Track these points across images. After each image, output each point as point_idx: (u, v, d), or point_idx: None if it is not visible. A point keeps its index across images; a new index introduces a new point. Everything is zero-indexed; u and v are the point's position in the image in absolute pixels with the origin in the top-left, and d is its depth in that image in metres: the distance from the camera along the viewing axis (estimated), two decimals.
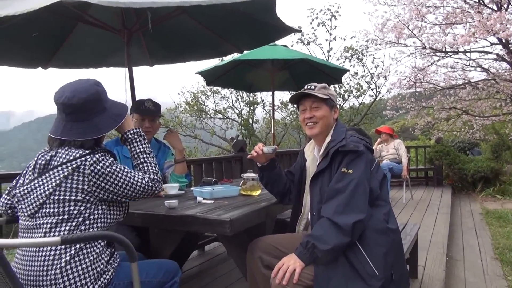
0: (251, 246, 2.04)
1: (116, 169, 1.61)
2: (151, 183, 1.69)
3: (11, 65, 3.68)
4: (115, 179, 1.60)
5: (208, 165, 4.47)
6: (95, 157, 1.57)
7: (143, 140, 1.83)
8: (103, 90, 1.70)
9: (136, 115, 2.71)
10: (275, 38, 3.69)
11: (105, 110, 1.67)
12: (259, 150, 2.12)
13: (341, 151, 1.87)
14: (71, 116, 1.62)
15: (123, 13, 3.22)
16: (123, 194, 1.63)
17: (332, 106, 2.05)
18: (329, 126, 2.03)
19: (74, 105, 1.60)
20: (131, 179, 1.64)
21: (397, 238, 1.86)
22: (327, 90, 2.04)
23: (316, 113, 2.01)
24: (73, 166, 1.53)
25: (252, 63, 5.64)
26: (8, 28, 3.09)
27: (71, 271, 1.46)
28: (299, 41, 11.99)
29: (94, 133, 1.62)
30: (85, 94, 1.62)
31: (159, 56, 4.33)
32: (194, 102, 14.63)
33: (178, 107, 14.83)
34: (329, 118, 2.03)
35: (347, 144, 1.87)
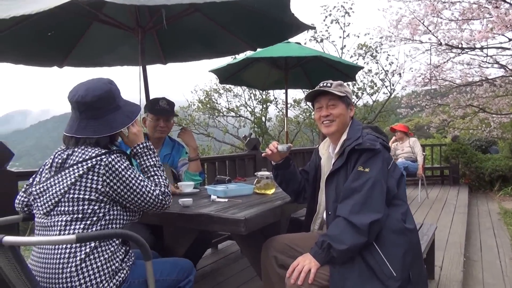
0: (265, 245, 2.02)
1: (130, 175, 1.61)
2: (161, 196, 1.68)
3: (28, 64, 3.72)
4: (128, 184, 1.59)
5: (222, 163, 4.46)
6: (110, 157, 1.57)
7: (153, 154, 1.82)
8: (116, 88, 1.70)
9: (151, 115, 2.71)
10: (289, 35, 3.65)
11: (119, 107, 1.68)
12: (274, 148, 2.10)
13: (357, 150, 1.84)
14: (85, 114, 1.62)
15: (137, 11, 3.22)
16: (133, 202, 1.62)
17: (349, 104, 2.02)
18: (346, 124, 2.00)
19: (88, 103, 1.60)
20: (143, 188, 1.63)
21: (414, 238, 1.82)
22: (343, 88, 2.01)
23: (333, 111, 1.98)
24: (88, 165, 1.53)
25: (266, 61, 5.61)
26: (24, 27, 3.14)
27: (86, 269, 1.46)
28: (312, 39, 11.93)
29: (108, 130, 1.62)
30: (99, 92, 1.62)
31: (173, 54, 4.33)
32: (207, 100, 14.66)
33: (191, 105, 14.88)
34: (346, 116, 2.00)
35: (364, 142, 1.84)
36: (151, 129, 2.72)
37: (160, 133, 2.74)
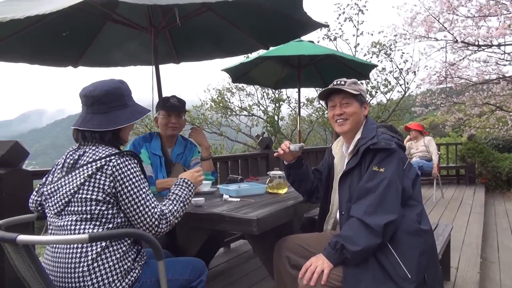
0: (278, 245, 2.01)
1: (135, 183, 1.58)
2: (158, 216, 1.59)
3: (43, 64, 3.76)
4: (129, 191, 1.56)
5: (234, 163, 4.45)
6: (120, 159, 1.57)
7: (186, 188, 1.80)
8: (126, 88, 1.71)
9: (162, 111, 2.72)
10: (301, 33, 3.63)
11: (126, 106, 1.68)
12: (286, 148, 2.08)
13: (372, 149, 1.81)
14: (91, 108, 1.64)
15: (150, 11, 3.23)
16: (130, 210, 1.57)
17: (363, 102, 1.99)
18: (360, 122, 1.97)
19: (95, 97, 1.62)
20: (143, 199, 1.57)
21: (430, 239, 1.79)
22: (357, 86, 1.98)
23: (347, 110, 1.96)
24: (97, 165, 1.54)
25: (278, 60, 5.59)
26: (39, 28, 3.18)
27: (98, 269, 1.47)
28: (326, 37, 11.82)
29: (111, 125, 1.62)
30: (106, 87, 1.64)
31: (186, 53, 4.34)
32: (219, 99, 14.67)
33: (204, 104, 14.91)
34: (360, 114, 1.97)
35: (379, 141, 1.81)
36: (163, 127, 2.72)
37: (172, 130, 2.73)
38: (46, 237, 1.32)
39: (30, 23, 3.08)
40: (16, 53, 3.40)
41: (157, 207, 1.61)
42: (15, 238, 1.27)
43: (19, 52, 3.42)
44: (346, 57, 5.00)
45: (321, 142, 15.45)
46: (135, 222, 1.59)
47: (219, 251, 3.91)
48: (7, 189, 2.23)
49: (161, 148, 2.70)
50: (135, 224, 1.60)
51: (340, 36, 11.81)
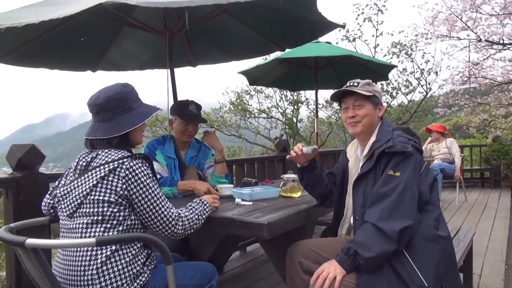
0: (290, 250, 1.97)
1: (149, 184, 1.60)
2: (176, 216, 1.65)
3: (63, 68, 3.84)
4: (144, 192, 1.58)
5: (250, 165, 4.43)
6: (133, 162, 1.57)
7: (203, 205, 1.85)
8: (130, 91, 1.71)
9: (180, 119, 2.70)
10: (318, 35, 3.59)
11: (131, 109, 1.68)
12: (298, 150, 2.04)
13: (387, 152, 1.75)
14: (98, 116, 1.66)
15: (165, 14, 3.24)
16: (145, 213, 1.59)
17: (377, 104, 1.93)
18: (373, 125, 1.92)
19: (99, 104, 1.64)
20: (158, 200, 1.61)
21: (448, 246, 1.72)
22: (371, 87, 1.93)
23: (359, 112, 1.91)
24: (110, 168, 1.54)
25: (295, 61, 5.54)
26: (58, 33, 3.23)
27: (107, 272, 1.46)
28: (344, 38, 11.70)
29: (117, 130, 1.63)
30: (110, 94, 1.65)
31: (202, 56, 4.35)
32: (238, 101, 14.70)
33: (223, 107, 14.96)
34: (373, 116, 1.91)
35: (394, 144, 1.75)
36: (179, 133, 2.71)
37: (188, 137, 2.74)
38: (53, 241, 1.33)
39: (50, 28, 3.13)
40: (36, 58, 3.47)
41: (174, 209, 1.66)
42: (23, 242, 1.28)
43: (39, 58, 3.49)
44: (364, 58, 4.92)
45: (340, 144, 15.27)
46: (151, 223, 1.61)
47: (235, 254, 3.88)
48: (24, 192, 2.27)
49: (175, 151, 2.70)
50: (151, 225, 1.62)
51: (359, 37, 11.68)
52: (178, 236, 1.67)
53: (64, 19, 3.08)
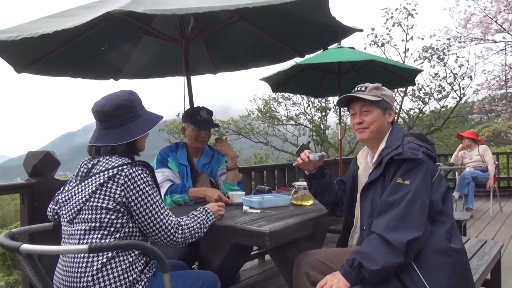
0: (297, 261, 1.91)
1: (149, 191, 1.58)
2: (176, 225, 1.63)
3: (85, 77, 3.93)
4: (143, 199, 1.56)
5: (270, 173, 4.39)
6: (132, 169, 1.57)
7: (206, 214, 1.84)
8: (136, 99, 1.71)
9: (192, 126, 2.70)
10: (335, 40, 3.54)
11: (138, 116, 1.68)
12: (305, 157, 1.99)
13: (396, 160, 1.67)
14: (104, 123, 1.65)
15: (181, 22, 3.27)
16: (143, 220, 1.57)
17: (386, 109, 1.85)
18: (382, 131, 1.84)
19: (106, 111, 1.64)
20: (157, 208, 1.59)
21: (461, 259, 1.61)
22: (380, 91, 1.85)
23: (366, 118, 1.84)
24: (109, 174, 1.55)
25: (318, 67, 5.47)
26: (80, 43, 3.33)
27: (103, 279, 1.46)
28: (373, 43, 11.49)
29: (125, 138, 1.62)
30: (117, 101, 1.65)
31: (222, 63, 4.36)
32: (266, 109, 14.71)
33: (251, 114, 15.00)
34: (381, 122, 1.83)
35: (404, 151, 1.66)
36: (192, 140, 2.71)
37: (201, 144, 2.74)
38: (47, 247, 1.33)
39: (71, 38, 3.23)
40: (59, 68, 3.57)
41: (173, 217, 1.64)
42: (18, 247, 1.29)
43: (62, 67, 3.59)
44: (388, 63, 4.78)
45: None
46: (149, 231, 1.59)
47: (253, 262, 3.84)
48: (38, 198, 2.32)
49: (187, 157, 2.70)
50: (149, 233, 1.60)
51: (388, 42, 11.42)
52: (178, 245, 1.65)
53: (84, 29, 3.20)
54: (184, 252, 2.34)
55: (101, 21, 3.21)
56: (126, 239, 1.55)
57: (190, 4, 2.14)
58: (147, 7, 2.03)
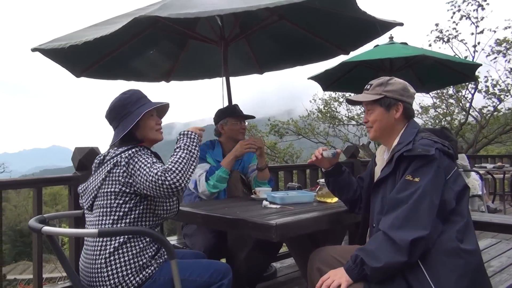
0: (312, 256, 1.91)
1: (141, 159, 1.65)
2: (161, 173, 1.55)
3: (138, 80, 4.21)
4: (138, 168, 1.62)
5: (314, 171, 4.37)
6: (131, 150, 1.69)
7: (184, 136, 1.78)
8: (128, 96, 1.83)
9: (233, 119, 2.82)
10: (375, 35, 3.43)
11: (130, 113, 1.79)
12: (319, 154, 1.98)
13: (407, 156, 1.61)
14: (112, 126, 1.84)
15: (221, 25, 3.38)
16: (143, 186, 1.60)
17: (390, 105, 1.78)
18: (389, 128, 1.79)
19: (106, 116, 1.83)
20: (147, 164, 1.61)
21: (474, 261, 1.51)
22: (384, 87, 1.80)
23: (370, 117, 1.82)
24: (114, 161, 1.68)
25: (369, 65, 5.32)
26: (130, 48, 3.59)
27: (114, 262, 1.59)
28: (438, 39, 10.83)
29: (117, 136, 1.77)
30: (110, 106, 1.83)
31: (267, 63, 4.43)
32: (326, 109, 14.52)
33: (311, 114, 14.90)
34: (385, 120, 1.79)
35: (414, 148, 1.61)
36: (236, 133, 2.82)
37: (243, 135, 2.85)
38: (64, 229, 1.50)
39: (121, 44, 3.49)
40: (113, 71, 3.87)
41: (160, 168, 1.59)
42: (40, 229, 1.46)
43: (116, 71, 3.89)
44: (441, 57, 4.52)
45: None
46: (147, 189, 1.59)
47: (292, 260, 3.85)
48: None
49: (223, 155, 2.80)
50: (148, 191, 1.59)
51: (455, 37, 10.71)
52: (180, 187, 1.57)
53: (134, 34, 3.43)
54: (211, 245, 2.44)
55: (148, 27, 3.48)
56: (136, 224, 1.67)
57: (213, 7, 2.24)
58: (171, 12, 2.16)
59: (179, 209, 1.90)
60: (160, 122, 1.94)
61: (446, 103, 13.06)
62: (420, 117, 13.69)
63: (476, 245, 1.55)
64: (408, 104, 1.81)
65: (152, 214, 1.73)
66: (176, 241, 3.00)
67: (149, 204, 1.72)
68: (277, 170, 4.17)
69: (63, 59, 3.23)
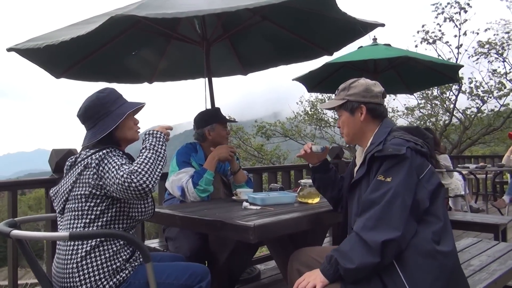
0: (291, 258, 1.90)
1: (110, 160, 1.59)
2: (127, 175, 1.50)
3: (120, 81, 4.13)
4: (107, 170, 1.57)
5: (298, 172, 4.37)
6: (102, 151, 1.63)
7: (149, 136, 1.71)
8: (105, 95, 1.76)
9: (220, 125, 2.76)
10: (358, 36, 3.44)
11: (109, 113, 1.73)
12: (308, 148, 1.96)
13: (379, 157, 1.60)
14: (85, 125, 1.77)
15: (203, 25, 3.36)
16: (113, 188, 1.55)
17: (353, 109, 1.78)
18: (358, 131, 1.80)
19: (81, 115, 1.76)
20: (114, 169, 1.55)
21: (449, 263, 1.50)
22: (346, 91, 1.81)
23: (339, 122, 1.86)
24: (84, 163, 1.63)
25: (353, 66, 5.34)
26: (110, 49, 3.53)
27: (86, 266, 1.55)
28: (423, 40, 10.97)
29: (96, 136, 1.70)
30: (86, 103, 1.75)
31: (251, 63, 4.41)
32: (313, 111, 14.58)
33: (297, 116, 14.94)
34: (352, 124, 1.80)
35: (385, 148, 1.60)
36: (223, 139, 2.76)
37: (227, 140, 2.82)
38: (34, 233, 1.45)
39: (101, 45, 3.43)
40: (94, 73, 3.80)
41: (126, 169, 1.53)
42: (9, 233, 1.42)
43: (97, 72, 3.82)
44: (424, 58, 4.56)
45: None
46: (116, 192, 1.54)
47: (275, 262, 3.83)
48: None
49: (204, 159, 2.75)
50: (117, 194, 1.55)
51: (440, 38, 10.86)
52: (147, 188, 1.51)
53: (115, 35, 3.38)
54: (196, 247, 2.40)
55: (129, 28, 3.43)
56: (109, 226, 1.63)
57: (191, 7, 2.21)
58: (149, 12, 2.13)
59: (156, 211, 1.86)
60: (138, 122, 1.90)
61: (431, 104, 13.23)
62: (405, 118, 13.85)
63: (453, 246, 1.54)
64: (372, 105, 1.78)
65: (126, 216, 1.68)
66: (158, 244, 2.96)
67: (123, 207, 1.67)
68: (261, 172, 4.15)
69: (41, 60, 3.16)
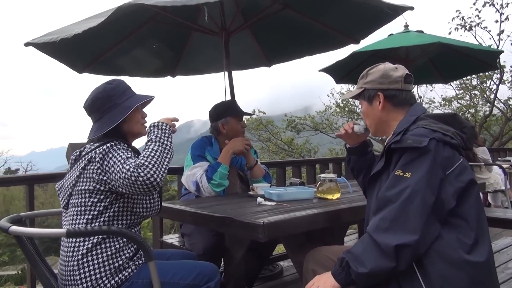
0: (307, 257, 1.77)
1: (115, 154, 1.53)
2: (133, 169, 1.44)
3: (142, 75, 4.14)
4: (112, 164, 1.51)
5: (324, 166, 4.22)
6: (106, 145, 1.57)
7: (155, 128, 1.65)
8: (114, 87, 1.69)
9: (235, 119, 2.66)
10: (385, 21, 3.25)
11: (116, 105, 1.66)
12: (349, 128, 1.81)
13: (397, 148, 1.42)
14: (91, 118, 1.71)
15: (220, 14, 3.26)
16: (118, 183, 1.48)
17: (371, 97, 1.61)
18: (379, 122, 1.63)
19: (87, 107, 1.69)
20: (120, 163, 1.49)
21: (479, 275, 1.31)
22: (364, 79, 1.64)
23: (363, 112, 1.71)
24: (88, 157, 1.57)
25: (383, 55, 5.09)
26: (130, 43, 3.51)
27: (87, 264, 1.49)
28: (460, 27, 10.39)
29: (103, 128, 1.63)
30: (92, 95, 1.68)
31: (275, 55, 4.29)
32: (344, 103, 14.25)
33: (328, 109, 14.65)
34: (372, 114, 1.64)
35: (403, 138, 1.41)
36: (238, 132, 2.65)
37: (243, 134, 2.72)
38: (32, 229, 1.41)
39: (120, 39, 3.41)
40: (116, 67, 3.79)
41: (132, 163, 1.48)
42: (7, 229, 1.38)
43: (119, 66, 3.81)
44: (459, 45, 4.26)
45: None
46: (122, 187, 1.49)
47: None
48: None
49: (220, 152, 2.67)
50: (124, 189, 1.49)
51: (478, 24, 10.25)
52: (155, 182, 1.45)
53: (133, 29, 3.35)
54: (211, 244, 2.32)
55: (147, 21, 3.39)
56: (112, 223, 1.57)
57: None
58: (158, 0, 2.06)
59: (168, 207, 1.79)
60: (146, 115, 1.83)
61: (470, 95, 12.60)
62: (442, 109, 13.29)
63: (487, 256, 1.34)
64: (392, 91, 1.59)
65: (130, 212, 1.62)
66: (176, 240, 2.91)
67: (127, 202, 1.61)
68: (284, 166, 4.03)
69: (61, 55, 3.18)
